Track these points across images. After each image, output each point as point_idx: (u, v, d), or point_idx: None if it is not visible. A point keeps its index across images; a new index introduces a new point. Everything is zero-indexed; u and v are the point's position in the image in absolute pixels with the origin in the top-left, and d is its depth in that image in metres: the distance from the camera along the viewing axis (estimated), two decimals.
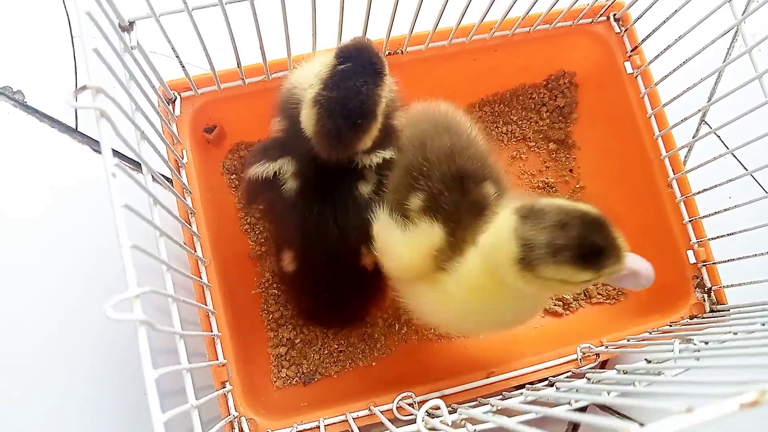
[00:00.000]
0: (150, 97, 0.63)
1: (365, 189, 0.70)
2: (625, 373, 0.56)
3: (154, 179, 0.58)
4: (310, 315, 0.84)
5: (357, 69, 0.61)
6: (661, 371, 0.53)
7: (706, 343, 0.57)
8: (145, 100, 0.62)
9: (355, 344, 0.87)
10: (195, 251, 0.73)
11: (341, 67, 0.61)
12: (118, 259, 0.43)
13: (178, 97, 0.78)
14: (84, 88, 0.44)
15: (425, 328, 0.88)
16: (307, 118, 0.63)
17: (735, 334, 0.57)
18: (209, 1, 0.62)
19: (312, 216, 0.69)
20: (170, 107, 0.77)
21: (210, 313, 0.72)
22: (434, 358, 0.87)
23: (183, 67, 0.72)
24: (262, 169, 0.70)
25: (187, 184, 0.75)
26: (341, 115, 0.60)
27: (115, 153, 0.62)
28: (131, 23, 0.61)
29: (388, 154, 0.69)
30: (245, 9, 0.64)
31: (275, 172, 0.70)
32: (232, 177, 0.90)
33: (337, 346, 0.87)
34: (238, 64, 0.74)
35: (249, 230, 0.89)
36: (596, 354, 0.74)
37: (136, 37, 0.61)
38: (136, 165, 0.88)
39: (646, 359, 0.57)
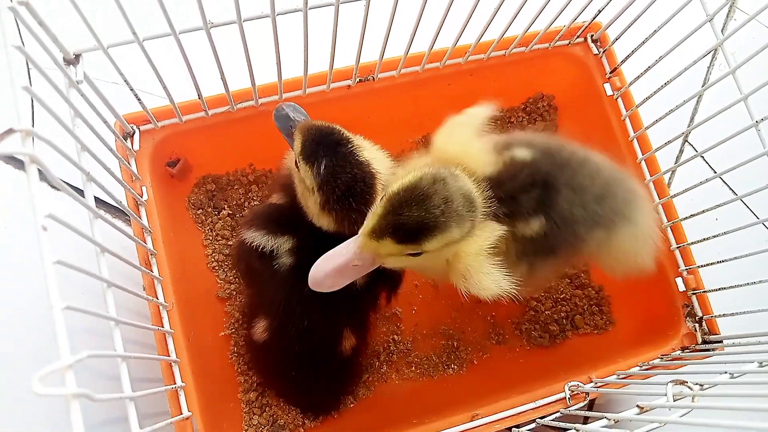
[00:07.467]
0: (103, 132, 0.59)
1: (359, 279, 0.67)
2: (615, 422, 0.52)
3: (112, 218, 0.53)
4: (277, 391, 0.80)
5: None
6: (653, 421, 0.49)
7: (701, 386, 0.53)
8: (95, 137, 0.58)
9: None
10: (156, 297, 0.68)
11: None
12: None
13: (137, 131, 0.74)
14: (10, 131, 0.40)
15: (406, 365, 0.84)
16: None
17: (732, 375, 0.53)
18: (161, 31, 0.58)
19: (300, 294, 0.66)
20: (128, 142, 0.73)
21: (173, 363, 0.67)
22: (415, 398, 0.83)
23: (138, 99, 0.68)
24: (260, 240, 0.69)
25: (146, 224, 0.70)
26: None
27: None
28: (77, 56, 0.57)
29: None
30: (204, 38, 0.60)
31: (273, 249, 0.69)
32: (198, 212, 0.85)
33: None
34: (199, 95, 0.70)
35: (217, 267, 0.84)
36: (585, 393, 0.70)
37: (82, 70, 0.57)
38: (113, 208, 0.84)
39: (638, 405, 0.54)
